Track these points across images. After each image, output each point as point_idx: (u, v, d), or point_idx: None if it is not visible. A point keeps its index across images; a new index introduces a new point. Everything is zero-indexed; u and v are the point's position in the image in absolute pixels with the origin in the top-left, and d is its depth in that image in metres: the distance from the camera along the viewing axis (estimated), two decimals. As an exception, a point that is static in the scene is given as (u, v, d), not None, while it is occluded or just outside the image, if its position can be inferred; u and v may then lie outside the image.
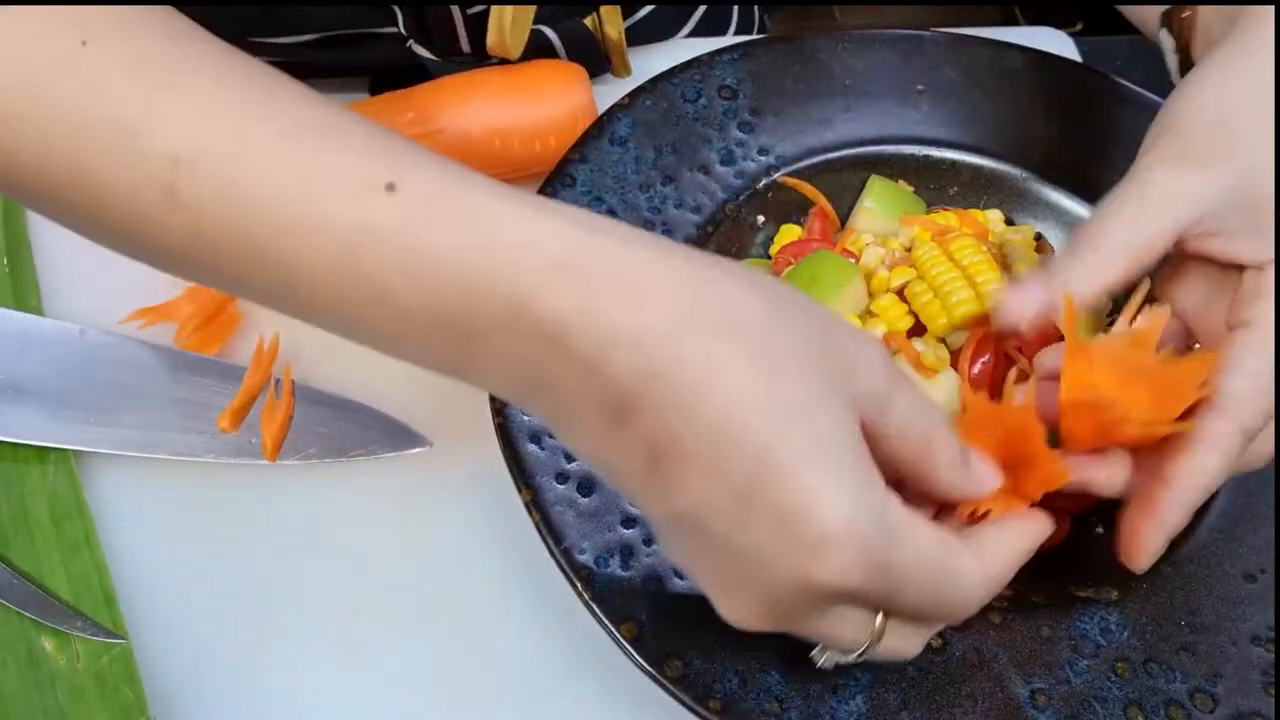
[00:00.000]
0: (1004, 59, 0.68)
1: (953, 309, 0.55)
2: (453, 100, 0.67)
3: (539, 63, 0.69)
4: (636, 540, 0.51)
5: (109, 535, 0.56)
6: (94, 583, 0.54)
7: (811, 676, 0.48)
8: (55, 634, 0.52)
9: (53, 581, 0.54)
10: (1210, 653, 0.50)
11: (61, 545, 0.55)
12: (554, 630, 0.55)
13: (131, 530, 0.57)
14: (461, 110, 0.66)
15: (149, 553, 0.56)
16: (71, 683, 0.51)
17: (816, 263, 0.58)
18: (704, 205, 0.63)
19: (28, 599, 0.53)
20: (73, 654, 0.51)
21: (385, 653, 0.54)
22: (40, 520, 0.55)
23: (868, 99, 0.67)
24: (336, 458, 0.58)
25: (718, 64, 0.67)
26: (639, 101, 0.65)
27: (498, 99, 0.67)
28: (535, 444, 0.53)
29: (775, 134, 0.65)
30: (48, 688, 0.51)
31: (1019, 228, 0.64)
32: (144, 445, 0.57)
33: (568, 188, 0.61)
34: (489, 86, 0.67)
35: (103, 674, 0.51)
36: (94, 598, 0.53)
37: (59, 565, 0.54)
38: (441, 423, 0.59)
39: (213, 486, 0.58)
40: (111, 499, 0.57)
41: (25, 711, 0.50)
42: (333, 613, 0.55)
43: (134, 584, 0.55)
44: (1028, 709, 0.48)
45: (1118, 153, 0.65)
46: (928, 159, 0.66)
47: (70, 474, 0.57)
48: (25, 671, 0.51)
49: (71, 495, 0.56)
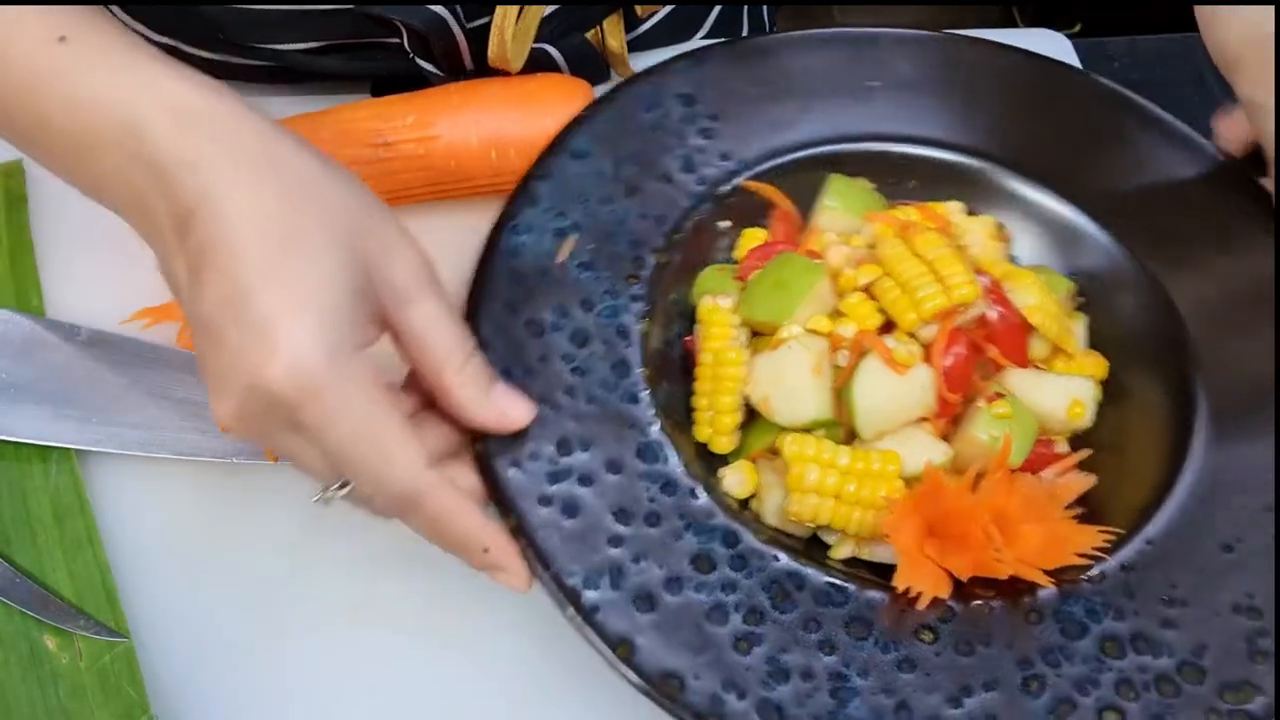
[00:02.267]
0: (955, 52, 0.69)
1: (921, 304, 0.55)
2: (453, 107, 0.67)
3: (543, 76, 0.70)
4: (625, 559, 0.51)
5: (111, 534, 0.57)
6: (96, 582, 0.54)
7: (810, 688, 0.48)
8: (58, 633, 0.53)
9: (55, 580, 0.54)
10: (1194, 625, 0.51)
11: (64, 544, 0.55)
12: (554, 631, 0.55)
13: (134, 529, 0.57)
14: (461, 118, 0.67)
15: (151, 552, 0.57)
16: (74, 681, 0.51)
17: (782, 265, 0.59)
18: (668, 214, 0.63)
19: (30, 598, 0.53)
20: (75, 653, 0.52)
21: (385, 653, 0.55)
22: (43, 519, 0.56)
23: (823, 98, 0.67)
24: None
25: (673, 71, 0.67)
26: (597, 114, 0.65)
27: (499, 109, 0.67)
28: (516, 468, 0.53)
29: (735, 138, 0.65)
30: (50, 686, 0.51)
31: (980, 218, 0.65)
32: (146, 445, 0.58)
33: (531, 206, 0.61)
34: (491, 97, 0.68)
35: (105, 673, 0.51)
36: (96, 596, 0.54)
37: (61, 564, 0.55)
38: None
39: (215, 486, 0.59)
40: (114, 498, 0.58)
41: (28, 710, 0.50)
42: (333, 612, 0.56)
43: (136, 583, 0.55)
44: (1022, 697, 0.49)
45: (1073, 138, 0.66)
46: (885, 154, 0.66)
47: (72, 473, 0.57)
48: (28, 670, 0.52)
49: (74, 494, 0.57)
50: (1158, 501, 0.55)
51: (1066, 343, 0.59)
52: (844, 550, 0.55)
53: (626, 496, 0.53)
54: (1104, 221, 0.64)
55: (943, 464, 0.55)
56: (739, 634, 0.50)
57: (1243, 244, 0.62)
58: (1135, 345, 0.61)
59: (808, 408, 0.55)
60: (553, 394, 0.55)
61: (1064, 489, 0.54)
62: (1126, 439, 0.59)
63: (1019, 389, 0.57)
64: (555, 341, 0.57)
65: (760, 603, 0.51)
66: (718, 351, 0.57)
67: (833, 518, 0.53)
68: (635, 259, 0.61)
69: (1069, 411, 0.57)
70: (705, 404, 0.57)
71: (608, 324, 0.58)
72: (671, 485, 0.54)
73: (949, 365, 0.56)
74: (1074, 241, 0.64)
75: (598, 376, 0.56)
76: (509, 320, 0.57)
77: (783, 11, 0.98)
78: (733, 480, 0.56)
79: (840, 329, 0.57)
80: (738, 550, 0.52)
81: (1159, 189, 0.65)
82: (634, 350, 0.58)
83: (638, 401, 0.56)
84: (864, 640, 0.50)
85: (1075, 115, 0.67)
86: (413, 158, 0.67)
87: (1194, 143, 0.66)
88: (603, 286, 0.59)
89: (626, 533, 0.52)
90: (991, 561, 0.51)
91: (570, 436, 0.54)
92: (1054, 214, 0.65)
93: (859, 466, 0.53)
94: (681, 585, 0.51)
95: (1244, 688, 0.49)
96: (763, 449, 0.57)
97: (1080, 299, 0.64)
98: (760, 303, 0.58)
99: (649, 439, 0.55)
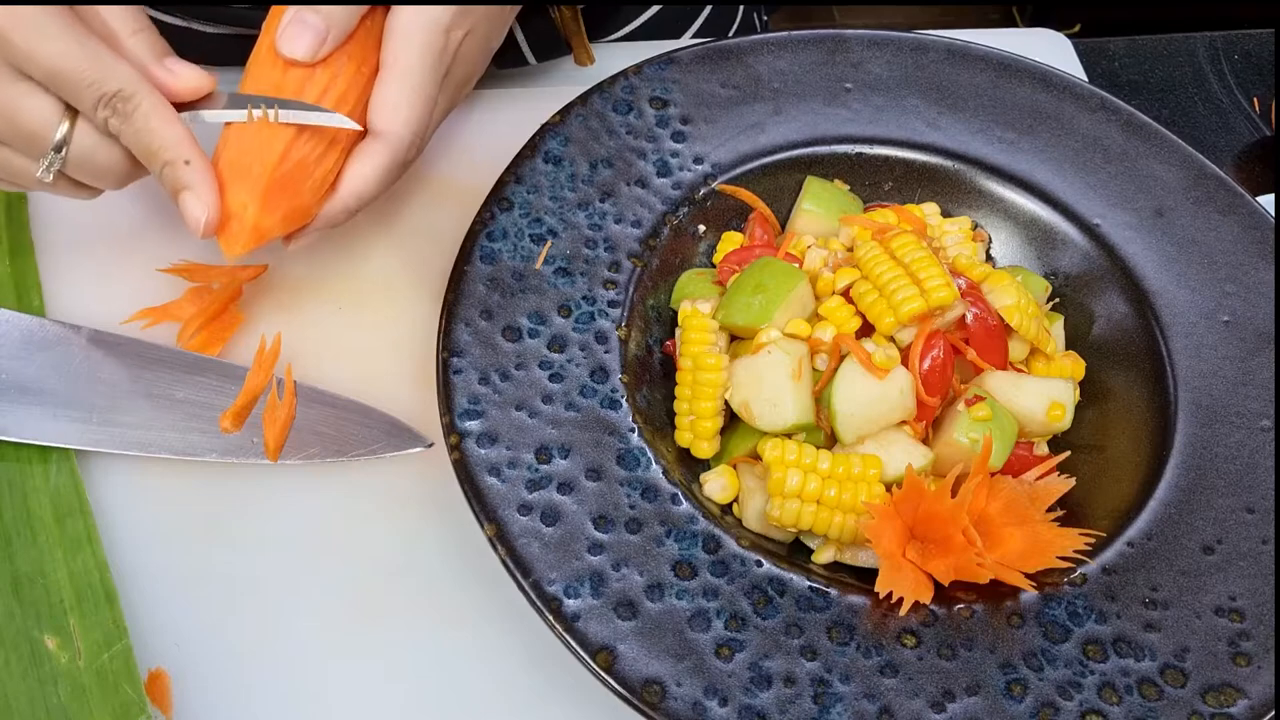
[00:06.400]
0: (927, 52, 0.69)
1: (899, 307, 0.55)
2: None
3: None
4: (605, 566, 0.50)
5: (111, 534, 0.56)
6: (95, 581, 0.54)
7: (792, 694, 0.48)
8: (57, 632, 0.52)
9: (55, 580, 0.54)
10: (1176, 628, 0.51)
11: (64, 544, 0.55)
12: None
13: (133, 529, 0.57)
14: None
15: (150, 551, 0.56)
16: (73, 680, 0.51)
17: (761, 269, 0.58)
18: (644, 219, 0.62)
19: (30, 597, 0.53)
20: (74, 652, 0.52)
21: (384, 652, 0.54)
22: (43, 519, 0.56)
23: (797, 100, 0.67)
24: (337, 457, 0.59)
25: (645, 74, 0.67)
26: (571, 118, 0.65)
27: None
28: (495, 476, 0.52)
29: (709, 141, 0.65)
30: (50, 685, 0.51)
31: (956, 219, 0.65)
32: (146, 445, 0.58)
33: (505, 210, 0.61)
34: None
35: (104, 671, 0.51)
36: (95, 596, 0.54)
37: (61, 564, 0.55)
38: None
39: (214, 486, 0.58)
40: (113, 498, 0.58)
41: (27, 708, 0.50)
42: (333, 611, 0.55)
43: (135, 582, 0.55)
44: (1005, 701, 0.48)
45: (1046, 137, 0.66)
46: (861, 156, 0.66)
47: (72, 473, 0.57)
48: (28, 669, 0.51)
49: (74, 494, 0.57)
50: (1138, 503, 0.55)
51: (1045, 344, 0.59)
52: (826, 555, 0.55)
53: (607, 503, 0.52)
54: (1080, 221, 0.64)
55: (923, 467, 0.55)
56: (721, 640, 0.49)
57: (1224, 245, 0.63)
58: (1113, 346, 0.61)
59: (788, 412, 0.54)
60: (531, 401, 0.55)
61: (1044, 492, 0.54)
62: (1106, 440, 0.59)
63: (998, 391, 0.57)
64: (533, 348, 0.57)
65: (742, 609, 0.50)
66: (697, 356, 0.56)
67: (814, 522, 0.53)
68: (612, 264, 0.60)
69: (1048, 413, 0.57)
70: (685, 409, 0.57)
71: (586, 329, 0.58)
72: (652, 491, 0.53)
73: (927, 368, 0.56)
74: (1050, 242, 0.64)
75: (576, 382, 0.56)
76: (486, 327, 0.57)
77: (782, 12, 0.99)
78: (714, 485, 0.56)
79: (819, 333, 0.56)
80: (719, 556, 0.52)
81: (1133, 187, 0.65)
82: (613, 356, 0.57)
83: (617, 407, 0.55)
84: (846, 645, 0.50)
85: (1050, 115, 0.67)
86: None
87: (1169, 141, 0.66)
88: (580, 292, 0.59)
89: (607, 540, 0.51)
90: (973, 565, 0.51)
91: (549, 443, 0.54)
92: (1030, 214, 0.65)
93: (840, 471, 0.53)
94: (663, 592, 0.50)
95: (1226, 690, 0.49)
96: (744, 454, 0.56)
97: (1057, 299, 0.64)
98: (739, 307, 0.57)
99: (629, 445, 0.54)
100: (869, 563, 0.54)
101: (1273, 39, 0.84)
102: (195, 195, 0.54)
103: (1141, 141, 0.66)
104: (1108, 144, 0.66)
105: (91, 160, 0.54)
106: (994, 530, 0.52)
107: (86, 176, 0.56)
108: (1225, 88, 0.61)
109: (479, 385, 0.55)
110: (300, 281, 0.66)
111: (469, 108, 0.73)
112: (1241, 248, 0.62)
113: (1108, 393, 0.61)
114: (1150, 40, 0.82)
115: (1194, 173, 0.65)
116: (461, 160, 0.71)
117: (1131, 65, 0.75)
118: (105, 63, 0.52)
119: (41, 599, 0.53)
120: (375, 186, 0.58)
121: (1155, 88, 0.64)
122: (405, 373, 0.63)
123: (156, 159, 0.54)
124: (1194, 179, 0.65)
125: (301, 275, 0.66)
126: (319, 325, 0.64)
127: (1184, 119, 0.66)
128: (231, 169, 0.55)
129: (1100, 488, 0.57)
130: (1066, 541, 0.52)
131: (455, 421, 0.54)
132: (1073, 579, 0.52)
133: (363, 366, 0.63)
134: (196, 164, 0.54)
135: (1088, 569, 0.52)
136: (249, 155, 0.54)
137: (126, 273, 0.65)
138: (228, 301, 0.63)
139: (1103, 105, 0.67)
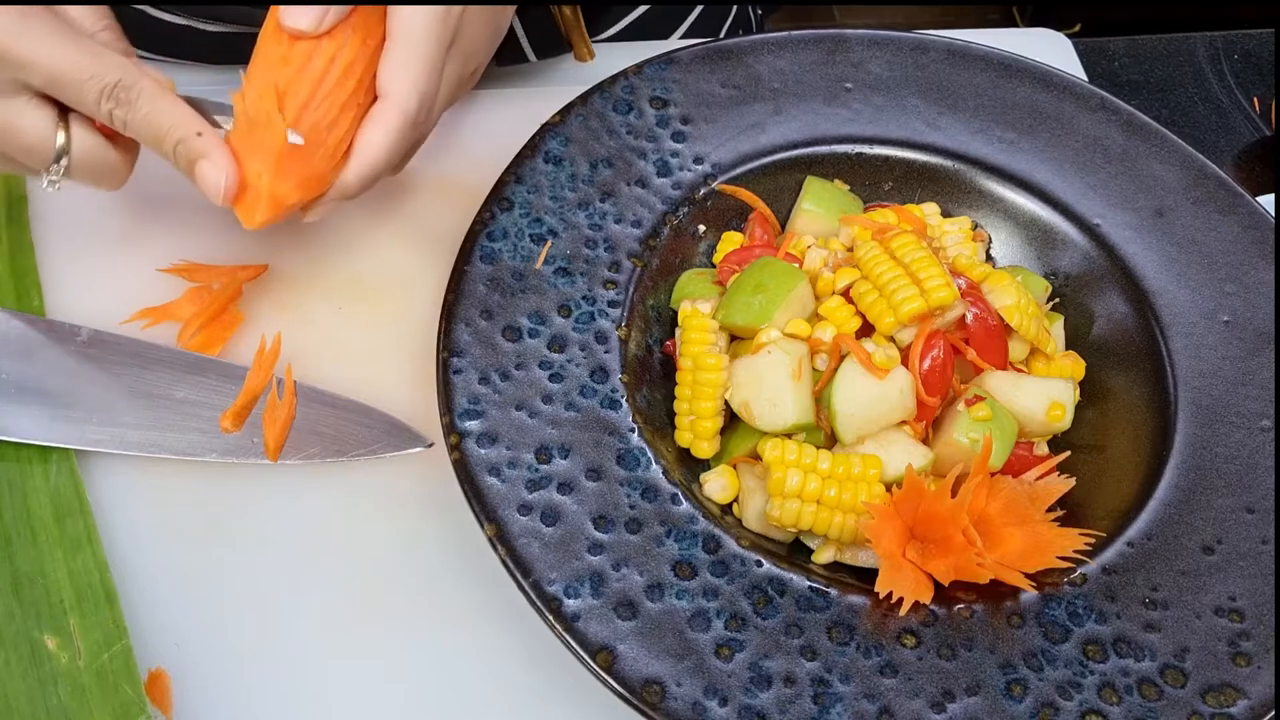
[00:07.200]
0: (927, 52, 0.69)
1: (899, 307, 0.55)
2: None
3: None
4: (605, 566, 0.50)
5: (111, 534, 0.56)
6: (95, 581, 0.54)
7: (792, 694, 0.48)
8: (57, 632, 0.52)
9: (55, 580, 0.54)
10: (1176, 628, 0.51)
11: (64, 544, 0.55)
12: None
13: (133, 529, 0.57)
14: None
15: (150, 552, 0.56)
16: (73, 680, 0.51)
17: (761, 269, 0.58)
18: (644, 218, 0.62)
19: (30, 597, 0.53)
20: (74, 652, 0.52)
21: (384, 652, 0.54)
22: (43, 519, 0.56)
23: (797, 100, 0.67)
24: (337, 457, 0.59)
25: (646, 74, 0.67)
26: (571, 118, 0.65)
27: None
28: (495, 476, 0.52)
29: (709, 141, 0.65)
30: (50, 685, 0.51)
31: (956, 219, 0.65)
32: (146, 445, 0.58)
33: (506, 211, 0.61)
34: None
35: (104, 671, 0.51)
36: (95, 596, 0.54)
37: (61, 564, 0.55)
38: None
39: (214, 486, 0.58)
40: (113, 498, 0.58)
41: (27, 708, 0.50)
42: (333, 612, 0.55)
43: (135, 582, 0.55)
44: (1005, 701, 0.48)
45: (1046, 137, 0.66)
46: (861, 156, 0.66)
47: (72, 473, 0.57)
48: (28, 669, 0.51)
49: (73, 494, 0.57)
50: (1138, 503, 0.55)
51: (1045, 343, 0.59)
52: (826, 555, 0.55)
53: (607, 503, 0.52)
54: (1080, 221, 0.64)
55: (923, 467, 0.55)
56: (721, 640, 0.49)
57: (1224, 245, 0.63)
58: (1113, 346, 0.61)
59: (788, 412, 0.54)
60: (531, 401, 0.55)
61: (1044, 491, 0.54)
62: (1106, 440, 0.59)
63: (998, 391, 0.57)
64: (533, 347, 0.57)
65: (742, 609, 0.50)
66: (697, 356, 0.56)
67: (814, 522, 0.53)
68: (612, 264, 0.60)
69: (1048, 413, 0.57)
70: (685, 409, 0.57)
71: (586, 329, 0.58)
72: (652, 491, 0.53)
73: (927, 368, 0.56)
74: (1050, 242, 0.64)
75: (576, 382, 0.56)
76: (486, 327, 0.57)
77: (782, 11, 0.99)
78: (714, 486, 0.56)
79: (819, 333, 0.56)
80: (719, 556, 0.52)
81: (1133, 187, 0.65)
82: (613, 356, 0.57)
83: (617, 407, 0.55)
84: (846, 645, 0.50)
85: (1050, 115, 0.67)
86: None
87: (1169, 141, 0.66)
88: (580, 292, 0.59)
89: (607, 540, 0.51)
90: (973, 565, 0.51)
91: (549, 443, 0.54)
92: (1030, 214, 0.65)
93: (840, 471, 0.53)
94: (663, 592, 0.50)
95: (1226, 690, 0.49)
96: (744, 454, 0.56)
97: (1057, 299, 0.64)
98: (739, 307, 0.57)
99: (629, 445, 0.54)
100: (869, 563, 0.54)
101: (1273, 39, 0.84)
102: (211, 162, 0.54)
103: (1141, 141, 0.66)
104: (1108, 144, 0.66)
105: (92, 162, 0.55)
106: (994, 530, 0.52)
107: (89, 180, 0.56)
108: (1225, 88, 0.61)
109: (479, 385, 0.55)
110: (300, 281, 0.66)
111: (469, 107, 0.74)
112: (1241, 248, 0.62)
113: (1108, 393, 0.61)
114: (1150, 40, 0.82)
115: (1194, 173, 0.65)
116: (461, 160, 0.71)
117: (1131, 65, 0.75)
118: (100, 56, 0.52)
119: (41, 599, 0.53)
120: (387, 152, 0.57)
121: (1155, 88, 0.65)
122: (405, 373, 0.63)
123: (168, 138, 0.54)
124: (1194, 179, 0.65)
125: (302, 275, 0.66)
126: (319, 325, 0.64)
127: (1184, 119, 0.66)
128: (243, 141, 0.55)
129: (1100, 488, 0.57)
130: (1066, 541, 0.52)
131: (455, 421, 0.54)
132: (1073, 579, 0.52)
133: (363, 366, 0.63)
134: (208, 134, 0.54)
135: (1088, 569, 0.52)
136: (260, 127, 0.55)
137: (126, 273, 0.65)
138: (227, 301, 0.63)
139: (1103, 105, 0.67)
